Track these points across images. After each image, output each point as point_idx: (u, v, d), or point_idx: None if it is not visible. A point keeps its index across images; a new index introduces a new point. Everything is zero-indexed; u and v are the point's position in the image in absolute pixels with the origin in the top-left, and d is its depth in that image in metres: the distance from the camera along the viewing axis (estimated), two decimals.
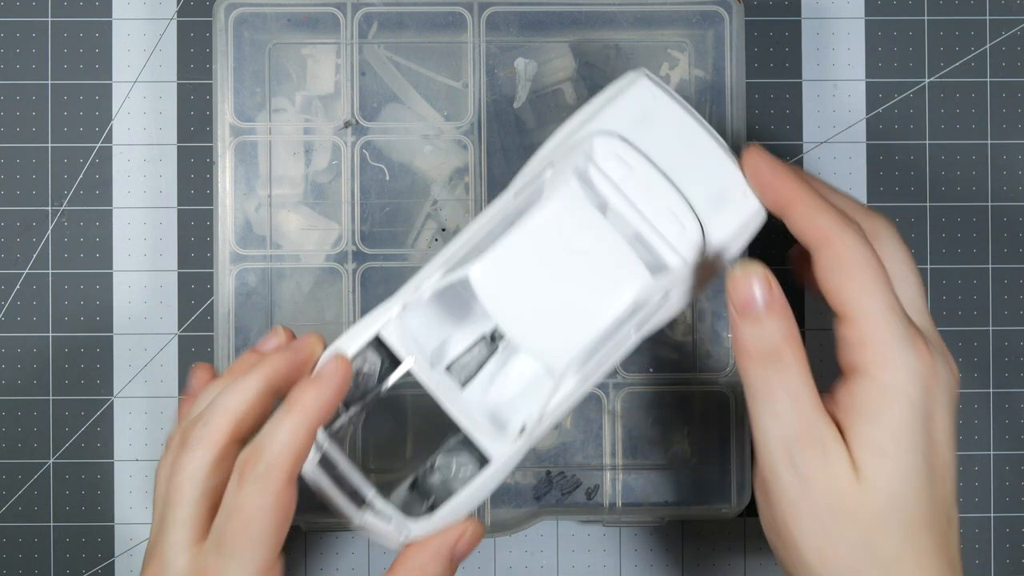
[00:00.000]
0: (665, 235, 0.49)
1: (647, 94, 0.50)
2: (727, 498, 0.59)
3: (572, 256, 0.48)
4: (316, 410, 0.46)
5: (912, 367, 0.44)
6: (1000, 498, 0.63)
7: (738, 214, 0.49)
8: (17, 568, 0.62)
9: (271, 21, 0.58)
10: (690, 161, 0.49)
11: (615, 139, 0.49)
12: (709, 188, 0.49)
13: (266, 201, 0.58)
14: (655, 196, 0.49)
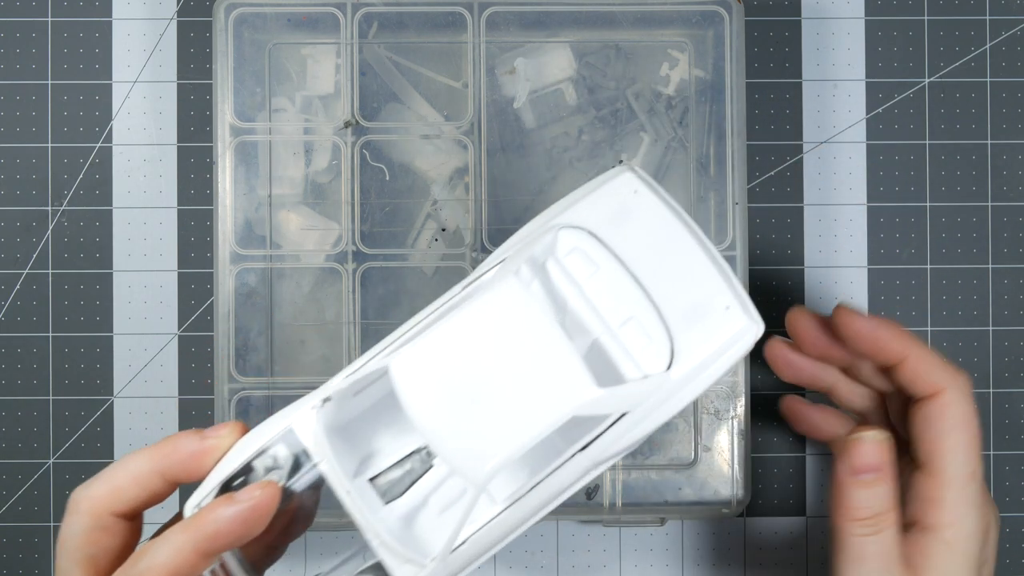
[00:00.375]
0: (626, 346, 0.43)
1: (628, 188, 0.44)
2: (727, 498, 0.59)
3: (508, 356, 0.41)
4: (215, 534, 0.42)
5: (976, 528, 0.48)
6: (1000, 498, 0.63)
7: (719, 330, 0.43)
8: (17, 568, 0.62)
9: (271, 21, 0.58)
10: (667, 266, 0.43)
11: (583, 233, 0.44)
12: (686, 298, 0.43)
13: (266, 201, 0.58)
14: (620, 301, 0.43)
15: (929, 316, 0.63)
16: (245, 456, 0.44)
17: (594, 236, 0.44)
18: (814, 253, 0.63)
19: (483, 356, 0.41)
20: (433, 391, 0.41)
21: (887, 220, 0.63)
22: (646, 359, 0.43)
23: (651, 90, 0.59)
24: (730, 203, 0.58)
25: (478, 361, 0.41)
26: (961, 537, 0.48)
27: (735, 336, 0.43)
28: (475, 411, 0.41)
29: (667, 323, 0.43)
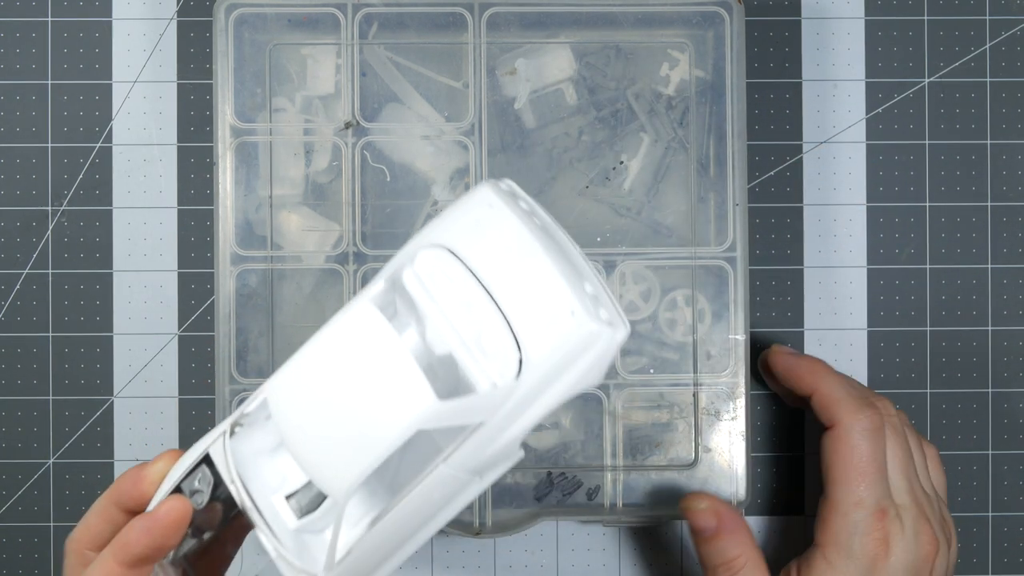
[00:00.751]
0: (477, 357, 0.44)
1: (484, 203, 0.45)
2: (727, 499, 0.59)
3: (356, 374, 0.43)
4: (132, 550, 0.46)
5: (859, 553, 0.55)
6: (998, 497, 0.64)
7: (565, 337, 0.43)
8: (17, 568, 0.62)
9: (271, 21, 0.58)
10: (516, 276, 0.44)
11: (440, 250, 0.45)
12: (533, 307, 0.43)
13: (266, 202, 0.58)
14: (472, 313, 0.44)
15: (929, 316, 0.63)
16: (172, 481, 0.47)
17: (451, 252, 0.44)
18: (814, 253, 0.63)
19: (336, 376, 0.43)
20: (297, 412, 0.43)
21: (887, 220, 0.63)
22: (495, 369, 0.43)
23: (651, 90, 0.59)
24: (730, 204, 0.58)
25: (332, 381, 0.43)
26: (841, 557, 0.55)
27: (583, 340, 0.43)
28: (332, 430, 0.42)
29: (515, 332, 0.43)
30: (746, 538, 0.56)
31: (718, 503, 0.56)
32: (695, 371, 0.59)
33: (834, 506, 0.56)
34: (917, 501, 0.56)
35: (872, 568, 0.55)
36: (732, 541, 0.56)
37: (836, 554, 0.55)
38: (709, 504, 0.56)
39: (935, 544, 0.55)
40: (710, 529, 0.56)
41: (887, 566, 0.55)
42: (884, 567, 0.55)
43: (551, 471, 0.58)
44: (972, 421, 0.63)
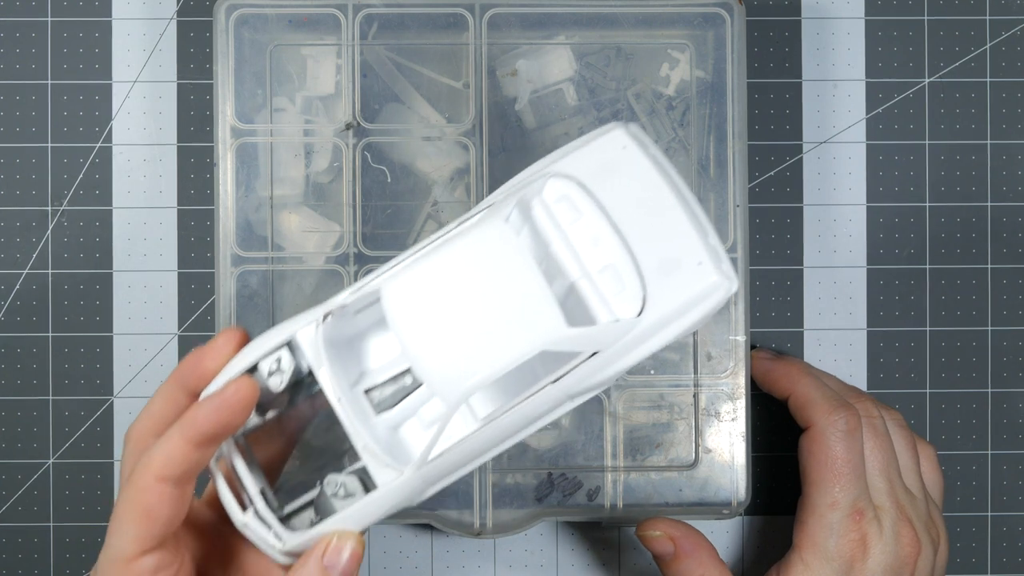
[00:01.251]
0: (601, 290, 0.45)
1: (618, 144, 0.47)
2: (727, 499, 0.59)
3: (488, 289, 0.44)
4: (200, 427, 0.45)
5: (834, 554, 0.56)
6: (997, 497, 0.64)
7: (689, 284, 0.45)
8: (17, 568, 0.62)
9: (272, 22, 0.58)
10: (648, 219, 0.45)
11: (570, 182, 0.46)
12: (663, 251, 0.45)
13: (267, 202, 0.58)
14: (599, 248, 0.45)
15: (928, 316, 0.63)
16: (250, 359, 0.47)
17: (581, 185, 0.46)
18: (813, 253, 0.63)
19: (466, 288, 0.44)
20: (418, 316, 0.44)
21: (887, 220, 0.63)
22: (618, 304, 0.45)
23: (651, 91, 0.59)
24: (731, 205, 0.58)
25: (461, 292, 0.44)
26: (818, 558, 0.55)
27: (705, 290, 0.45)
28: (455, 338, 0.44)
29: (641, 272, 0.45)
30: (706, 557, 0.57)
31: (672, 527, 0.57)
32: (695, 372, 0.59)
33: (810, 508, 0.56)
34: (897, 502, 0.56)
35: (849, 570, 0.55)
36: (692, 563, 0.57)
37: (813, 556, 0.56)
38: (663, 530, 0.57)
39: (916, 545, 0.56)
40: (668, 554, 0.57)
41: (865, 568, 0.55)
42: (862, 568, 0.55)
43: (551, 472, 0.59)
44: (972, 421, 0.64)
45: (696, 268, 0.45)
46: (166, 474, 0.45)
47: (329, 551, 0.46)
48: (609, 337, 0.45)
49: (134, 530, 0.46)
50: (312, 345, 0.46)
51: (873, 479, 0.56)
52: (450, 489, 0.58)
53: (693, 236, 0.45)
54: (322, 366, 0.46)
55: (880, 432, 0.57)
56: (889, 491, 0.56)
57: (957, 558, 0.63)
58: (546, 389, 0.46)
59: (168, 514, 0.46)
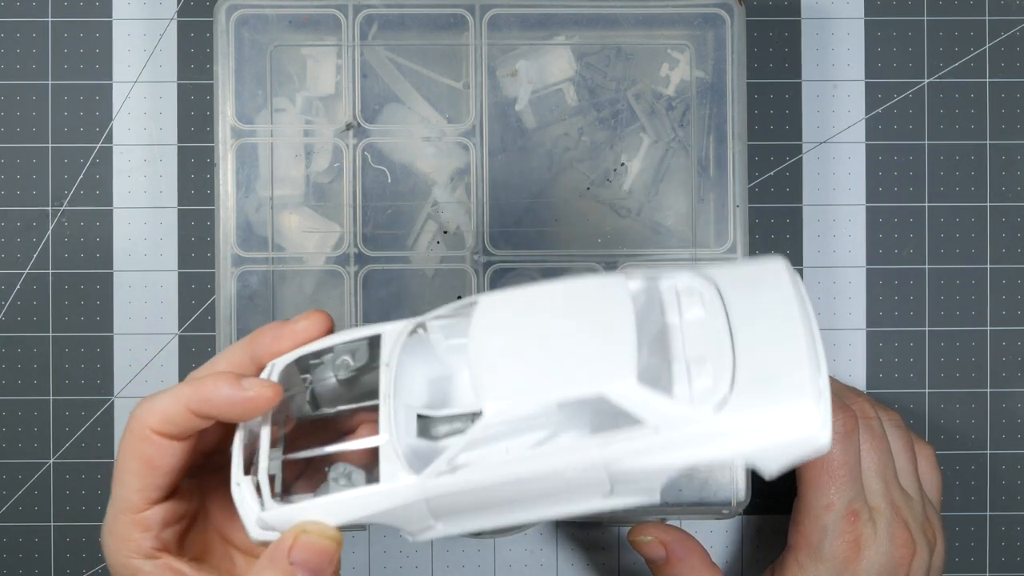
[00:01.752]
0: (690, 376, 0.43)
1: (770, 269, 0.44)
2: (727, 499, 0.59)
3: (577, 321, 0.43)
4: (205, 401, 0.44)
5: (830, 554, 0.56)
6: (996, 497, 0.64)
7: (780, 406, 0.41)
8: (17, 568, 0.62)
9: (272, 22, 0.58)
10: (766, 338, 0.42)
11: (707, 282, 0.45)
12: (767, 367, 0.42)
13: (267, 202, 0.58)
14: (707, 343, 0.43)
15: (928, 316, 0.63)
16: (332, 341, 0.46)
17: (716, 289, 0.44)
18: (813, 253, 0.63)
19: (557, 317, 0.43)
20: (498, 330, 0.43)
21: (886, 220, 0.63)
22: (700, 394, 0.42)
23: (652, 91, 0.60)
24: (731, 205, 0.58)
25: (550, 320, 0.43)
26: (812, 560, 0.56)
27: (793, 420, 0.41)
28: (523, 354, 0.42)
29: (736, 378, 0.42)
30: (697, 561, 0.57)
31: (664, 532, 0.58)
32: None
33: (805, 509, 0.56)
34: (893, 503, 0.56)
35: (843, 571, 0.55)
36: (684, 567, 0.57)
37: (807, 557, 0.56)
38: (655, 535, 0.58)
39: (911, 547, 0.56)
40: (660, 559, 0.58)
41: (858, 569, 0.55)
42: (855, 570, 0.55)
43: None
44: (971, 421, 0.64)
45: (794, 393, 0.41)
46: (163, 430, 0.45)
47: (296, 550, 0.43)
48: (675, 419, 0.41)
49: (138, 481, 0.45)
50: (391, 346, 0.45)
51: (869, 480, 0.56)
52: None
53: (804, 367, 0.41)
54: (388, 364, 0.45)
55: (877, 433, 0.57)
56: (884, 492, 0.56)
57: (957, 558, 0.64)
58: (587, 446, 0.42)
59: (171, 463, 0.45)
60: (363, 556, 0.63)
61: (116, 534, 0.46)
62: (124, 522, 0.46)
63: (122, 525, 0.46)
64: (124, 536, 0.46)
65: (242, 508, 0.45)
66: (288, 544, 0.43)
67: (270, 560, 0.43)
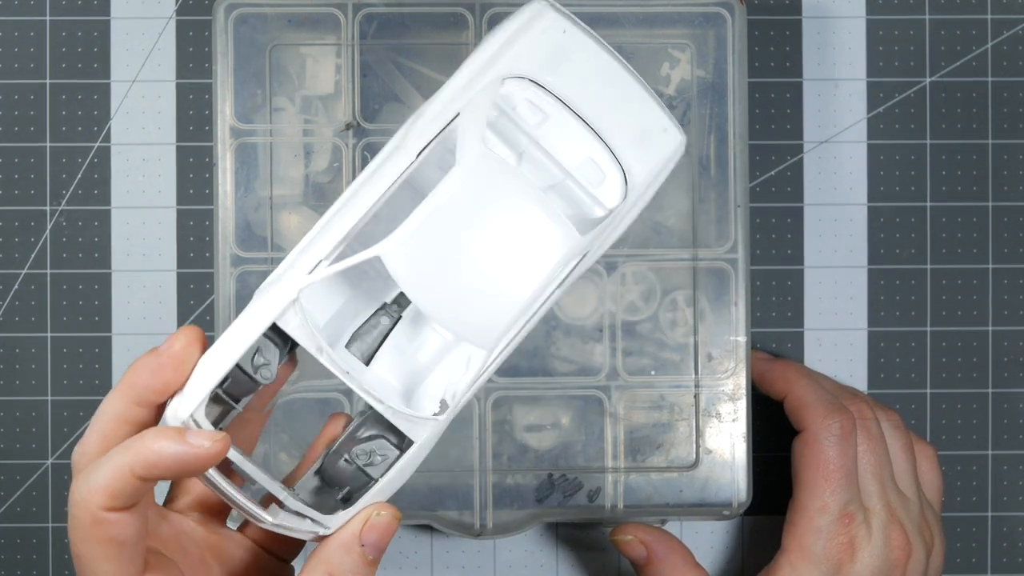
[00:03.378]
0: (586, 185, 0.46)
1: (556, 27, 0.46)
2: (728, 500, 0.59)
3: (492, 224, 0.44)
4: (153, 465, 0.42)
5: (822, 556, 0.56)
6: (998, 497, 0.64)
7: (660, 151, 0.47)
8: (15, 568, 0.62)
9: (271, 21, 0.58)
10: (608, 100, 0.46)
11: (526, 83, 0.46)
12: (630, 128, 0.46)
13: (266, 202, 0.58)
14: (573, 144, 0.46)
15: (929, 316, 0.63)
16: (232, 358, 0.44)
17: (536, 83, 0.46)
18: (814, 253, 0.63)
19: (469, 229, 0.44)
20: (430, 273, 0.44)
21: (887, 220, 0.63)
22: (605, 194, 0.46)
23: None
24: (732, 205, 0.58)
25: (465, 235, 0.44)
26: (805, 562, 0.56)
27: (672, 152, 0.47)
28: (473, 284, 0.44)
29: (618, 156, 0.46)
30: (679, 561, 0.58)
31: (644, 532, 0.58)
32: (696, 372, 0.59)
33: (800, 511, 0.56)
34: (889, 505, 0.56)
35: (836, 573, 0.55)
36: (665, 567, 0.57)
37: (800, 559, 0.56)
38: (635, 534, 0.58)
39: (907, 549, 0.56)
40: (641, 558, 0.58)
41: (852, 571, 0.55)
42: (849, 572, 0.55)
43: (552, 473, 0.58)
44: (972, 421, 0.63)
45: (663, 136, 0.47)
46: (114, 505, 0.42)
47: (368, 531, 0.45)
48: (607, 227, 0.46)
49: (113, 567, 0.43)
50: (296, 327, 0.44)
51: (865, 482, 0.56)
52: (450, 490, 0.58)
53: (653, 106, 0.46)
54: (316, 345, 0.45)
55: (874, 435, 0.57)
56: (880, 494, 0.56)
57: (957, 558, 0.63)
58: (553, 295, 0.46)
59: (137, 534, 0.43)
60: None
61: None
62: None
63: None
64: None
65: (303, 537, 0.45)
66: (358, 529, 0.45)
67: (343, 546, 0.45)
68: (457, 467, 0.58)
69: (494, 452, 0.58)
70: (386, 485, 0.45)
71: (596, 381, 0.59)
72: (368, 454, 0.46)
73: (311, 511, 0.45)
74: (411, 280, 0.44)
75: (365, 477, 0.46)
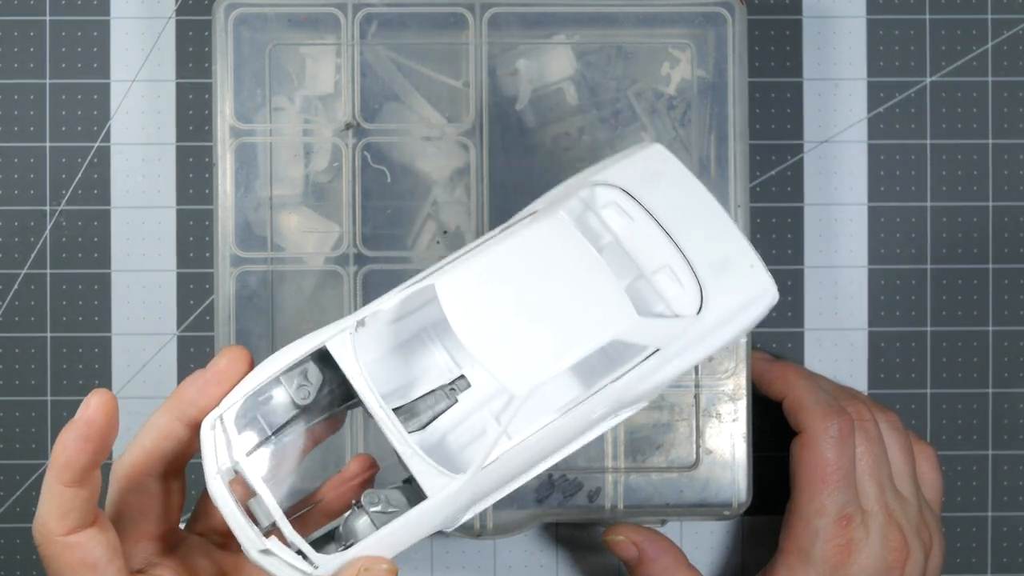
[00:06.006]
0: (660, 290, 0.46)
1: (658, 156, 0.48)
2: (728, 500, 0.59)
3: (553, 281, 0.44)
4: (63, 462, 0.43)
5: (819, 558, 0.55)
6: (998, 497, 0.64)
7: (743, 283, 0.46)
8: (17, 568, 0.62)
9: (271, 21, 0.58)
10: (695, 224, 0.47)
11: (616, 190, 0.47)
12: (713, 253, 0.46)
13: (266, 202, 0.58)
14: (653, 250, 0.46)
15: (929, 316, 0.63)
16: (274, 370, 0.45)
17: (627, 193, 0.47)
18: (814, 253, 0.63)
19: (529, 280, 0.44)
20: (479, 310, 0.43)
21: (888, 220, 0.63)
22: (678, 303, 0.46)
23: (652, 90, 0.59)
24: (732, 205, 0.58)
25: (524, 284, 0.44)
26: (802, 563, 0.56)
27: (758, 292, 0.46)
28: (521, 330, 0.43)
29: (697, 273, 0.46)
30: (671, 562, 0.58)
31: (635, 532, 0.58)
32: (696, 373, 0.59)
33: (798, 512, 0.56)
34: (886, 507, 0.56)
35: (834, 574, 0.55)
36: (656, 567, 0.57)
37: (798, 561, 0.56)
38: (626, 535, 0.58)
39: (904, 550, 0.56)
40: (633, 559, 0.58)
41: (849, 573, 0.55)
42: (846, 574, 0.55)
43: (552, 473, 0.58)
44: (972, 421, 0.64)
45: (749, 270, 0.46)
46: (70, 526, 0.43)
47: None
48: (672, 332, 0.45)
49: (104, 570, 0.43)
50: (345, 355, 0.44)
51: (863, 483, 0.56)
52: None
53: (742, 240, 0.47)
54: (358, 376, 0.44)
55: (872, 436, 0.57)
56: (878, 495, 0.56)
57: (958, 559, 0.63)
58: (606, 389, 0.45)
59: (107, 553, 0.43)
60: None
61: None
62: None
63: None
64: None
65: (289, 574, 0.43)
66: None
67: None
68: None
69: None
70: (387, 537, 0.44)
71: None
72: (382, 500, 0.45)
73: (307, 546, 0.43)
74: (459, 312, 0.43)
75: (374, 528, 0.44)
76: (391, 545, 0.44)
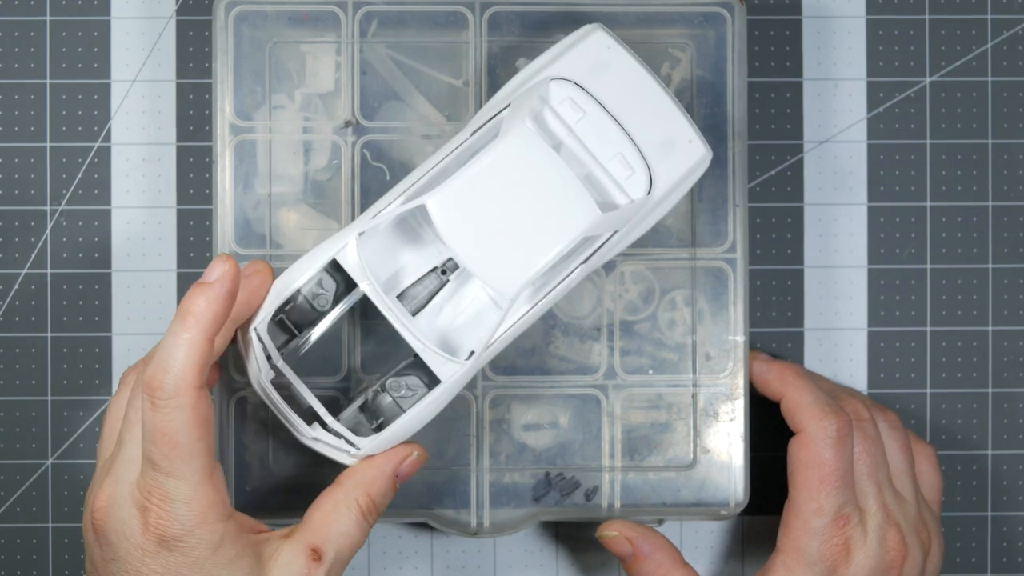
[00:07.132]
0: (615, 177, 0.53)
1: (602, 45, 0.54)
2: (725, 500, 0.59)
3: (526, 190, 0.51)
4: (210, 317, 0.48)
5: (816, 558, 0.55)
6: (998, 497, 0.64)
7: (685, 159, 0.53)
8: (16, 568, 0.62)
9: (271, 19, 0.58)
10: (641, 110, 0.53)
11: (570, 85, 0.53)
12: (658, 135, 0.53)
13: (265, 200, 0.58)
14: (607, 140, 0.53)
15: (929, 316, 0.63)
16: (295, 285, 0.53)
17: (579, 86, 0.53)
18: (814, 253, 0.63)
19: (505, 192, 0.51)
20: (466, 224, 0.51)
21: (887, 220, 0.63)
22: (631, 186, 0.53)
23: None
24: (731, 205, 0.58)
25: (501, 196, 0.51)
26: (800, 563, 0.56)
27: (696, 162, 0.54)
28: (504, 239, 0.51)
29: (645, 156, 0.53)
30: (665, 559, 0.57)
31: (629, 528, 0.58)
32: (694, 372, 0.59)
33: (795, 512, 0.56)
34: (885, 506, 0.56)
35: (832, 574, 0.55)
36: (651, 564, 0.57)
37: (795, 560, 0.56)
38: (619, 531, 0.58)
39: (902, 550, 0.56)
40: (627, 555, 0.58)
41: (847, 573, 0.55)
42: (844, 574, 0.55)
43: (549, 471, 0.58)
44: (972, 421, 0.63)
45: (688, 145, 0.53)
46: (203, 379, 0.48)
47: (406, 465, 0.53)
48: (628, 215, 0.53)
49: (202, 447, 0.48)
50: (353, 262, 0.52)
51: (861, 483, 0.56)
52: (447, 488, 0.58)
53: (681, 119, 0.53)
54: (366, 279, 0.52)
55: (870, 436, 0.57)
56: (877, 495, 0.56)
57: (958, 559, 0.63)
58: (578, 269, 0.53)
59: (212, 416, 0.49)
60: (363, 557, 0.63)
61: None
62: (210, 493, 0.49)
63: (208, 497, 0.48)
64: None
65: (335, 455, 0.53)
66: (396, 462, 0.53)
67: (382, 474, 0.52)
68: (454, 465, 0.58)
69: (491, 450, 0.58)
70: (414, 417, 0.52)
71: (594, 380, 0.59)
72: (403, 389, 0.54)
73: (348, 433, 0.52)
74: (449, 229, 0.50)
75: (399, 409, 0.54)
76: (416, 424, 0.53)
